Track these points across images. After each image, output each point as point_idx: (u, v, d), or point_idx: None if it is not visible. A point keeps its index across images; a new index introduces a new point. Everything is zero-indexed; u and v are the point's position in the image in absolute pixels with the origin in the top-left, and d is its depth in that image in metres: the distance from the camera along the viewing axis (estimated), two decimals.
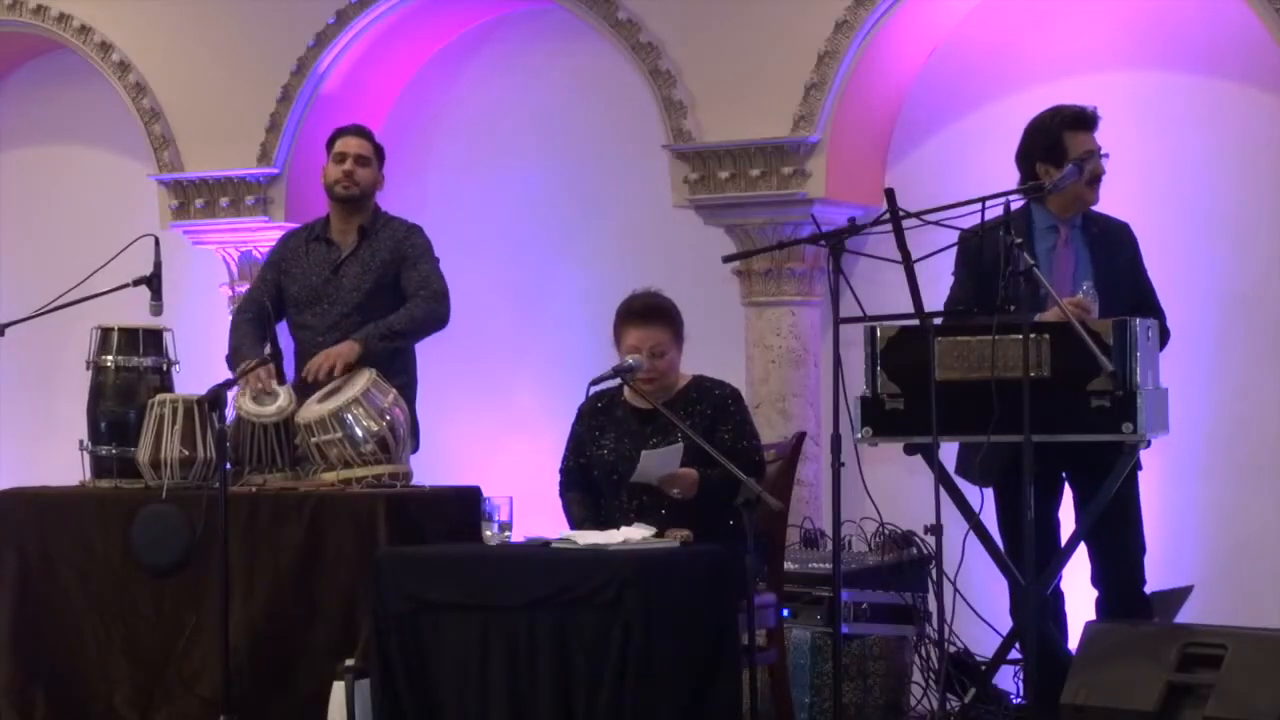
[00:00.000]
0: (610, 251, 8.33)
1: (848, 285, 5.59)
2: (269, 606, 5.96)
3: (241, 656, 5.91)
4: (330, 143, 6.69)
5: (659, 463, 5.52)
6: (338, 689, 5.57)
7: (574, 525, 5.74)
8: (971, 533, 5.61)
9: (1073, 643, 5.66)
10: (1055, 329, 5.37)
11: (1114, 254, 5.78)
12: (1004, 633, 5.74)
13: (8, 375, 9.68)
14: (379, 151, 6.69)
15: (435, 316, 6.48)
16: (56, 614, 6.29)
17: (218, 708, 5.76)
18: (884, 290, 6.37)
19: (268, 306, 6.49)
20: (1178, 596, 6.39)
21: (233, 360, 6.49)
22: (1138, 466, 5.66)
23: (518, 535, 5.59)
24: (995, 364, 5.39)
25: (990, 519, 5.69)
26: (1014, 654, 5.78)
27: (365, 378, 6.17)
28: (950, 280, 5.91)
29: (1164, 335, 5.72)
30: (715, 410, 5.70)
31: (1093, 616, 5.69)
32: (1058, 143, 5.76)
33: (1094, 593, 5.77)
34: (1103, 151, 5.79)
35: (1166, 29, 7.31)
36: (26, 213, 9.87)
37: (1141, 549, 5.75)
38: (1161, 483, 6.45)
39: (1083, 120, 5.78)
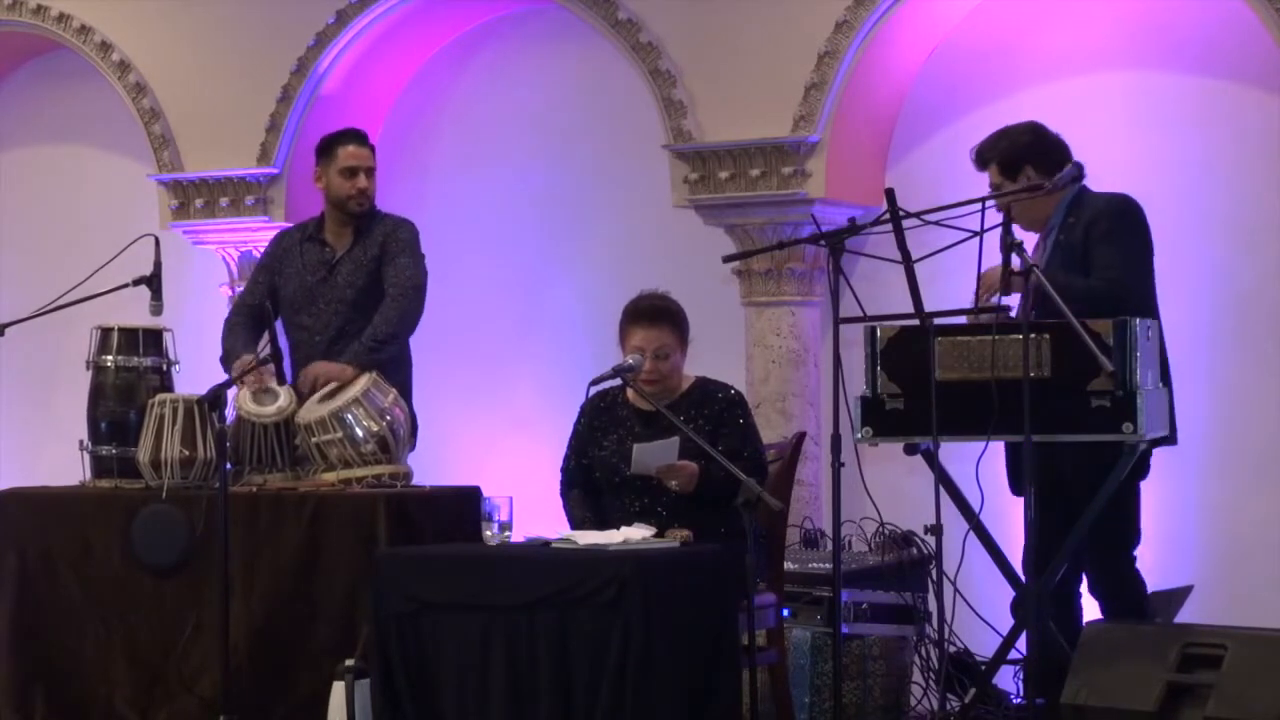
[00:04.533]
0: (610, 251, 8.32)
1: (848, 285, 5.59)
2: (269, 606, 5.96)
3: (241, 656, 5.91)
4: (327, 149, 6.62)
5: (655, 455, 5.52)
6: (338, 689, 5.57)
7: (574, 525, 5.74)
8: (971, 533, 5.61)
9: None
10: (1055, 329, 5.37)
11: (1075, 228, 5.70)
12: (1004, 633, 5.73)
13: (8, 375, 9.68)
14: (374, 153, 6.69)
15: (411, 313, 6.46)
16: (56, 614, 6.29)
17: (218, 708, 5.76)
18: (884, 290, 6.37)
19: (268, 306, 6.49)
20: (1178, 596, 6.38)
21: (225, 363, 6.49)
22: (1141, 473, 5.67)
23: (518, 535, 5.58)
24: (995, 364, 5.39)
25: (990, 520, 5.68)
26: (1014, 654, 5.78)
27: (365, 378, 6.18)
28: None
29: (1100, 292, 5.55)
30: (718, 416, 5.69)
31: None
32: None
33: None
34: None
35: (1165, 28, 7.30)
36: (26, 213, 9.86)
37: (1130, 553, 5.74)
38: (1161, 483, 6.43)
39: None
